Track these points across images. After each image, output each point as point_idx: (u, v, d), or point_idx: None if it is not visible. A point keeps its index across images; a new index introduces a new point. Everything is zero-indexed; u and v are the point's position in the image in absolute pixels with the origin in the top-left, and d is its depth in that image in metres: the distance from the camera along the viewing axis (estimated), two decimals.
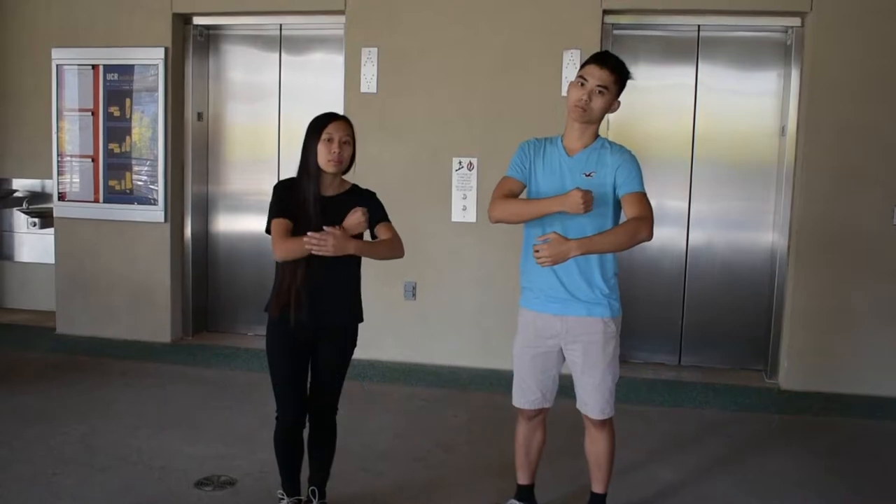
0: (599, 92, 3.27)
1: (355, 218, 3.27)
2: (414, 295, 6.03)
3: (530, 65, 5.83)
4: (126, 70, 6.37)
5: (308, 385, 3.49)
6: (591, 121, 3.35)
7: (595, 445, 3.58)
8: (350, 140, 3.37)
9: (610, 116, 5.27)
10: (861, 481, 4.35)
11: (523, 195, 3.44)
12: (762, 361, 6.03)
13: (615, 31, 5.95)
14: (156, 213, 6.37)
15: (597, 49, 4.81)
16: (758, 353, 6.07)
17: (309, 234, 3.13)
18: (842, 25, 5.54)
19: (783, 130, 5.84)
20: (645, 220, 3.19)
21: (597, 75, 3.28)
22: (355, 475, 4.11)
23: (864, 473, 4.46)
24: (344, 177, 3.46)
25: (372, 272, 3.78)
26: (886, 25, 5.50)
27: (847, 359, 5.68)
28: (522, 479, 3.74)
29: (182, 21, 6.43)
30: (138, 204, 6.40)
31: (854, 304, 5.65)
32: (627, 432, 4.34)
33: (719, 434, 4.98)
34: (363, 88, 6.03)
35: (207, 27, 6.58)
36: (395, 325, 6.04)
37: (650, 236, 3.20)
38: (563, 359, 3.49)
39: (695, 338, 6.18)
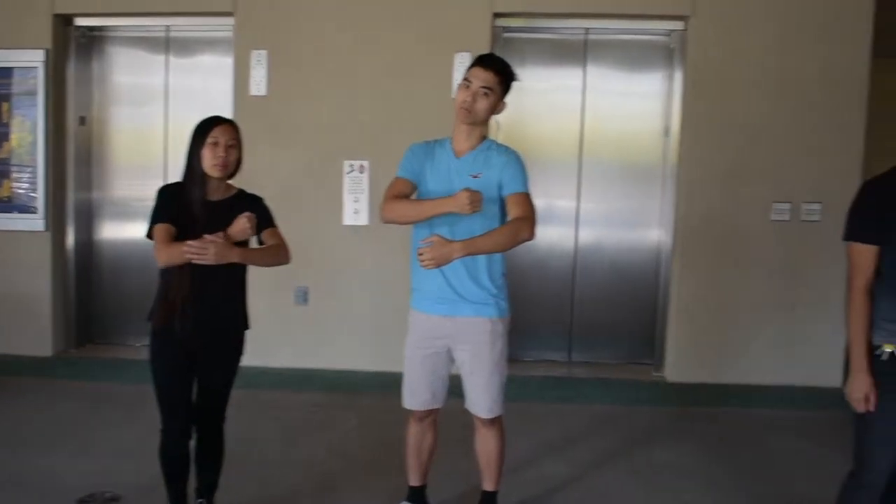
0: (484, 93, 3.32)
1: (240, 225, 3.23)
2: (306, 300, 5.96)
3: (422, 68, 5.84)
4: (4, 73, 6.11)
5: (194, 395, 3.43)
6: (477, 122, 3.39)
7: (484, 444, 3.63)
8: (236, 144, 3.35)
9: (500, 118, 5.32)
10: (745, 467, 4.54)
11: (413, 196, 3.46)
12: (649, 355, 6.17)
13: (505, 34, 6.02)
14: (36, 222, 6.12)
15: (487, 52, 4.85)
16: (645, 348, 6.21)
17: (189, 242, 3.09)
18: (722, 28, 5.74)
19: (667, 131, 6.00)
20: (527, 220, 3.25)
21: (481, 77, 3.32)
22: (245, 485, 4.05)
23: (748, 459, 4.65)
24: (231, 181, 3.42)
25: (261, 278, 3.72)
26: (765, 27, 5.72)
27: (729, 350, 5.88)
28: (414, 481, 3.76)
29: (63, 22, 6.19)
30: (17, 212, 6.14)
31: (734, 298, 5.85)
32: (519, 430, 4.41)
33: (609, 428, 5.10)
34: (253, 91, 5.93)
35: (90, 28, 6.36)
36: (287, 331, 5.95)
37: (532, 236, 3.25)
38: (453, 359, 3.52)
39: (585, 334, 6.27)
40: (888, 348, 2.94)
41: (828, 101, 5.73)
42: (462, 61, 5.71)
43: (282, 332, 5.92)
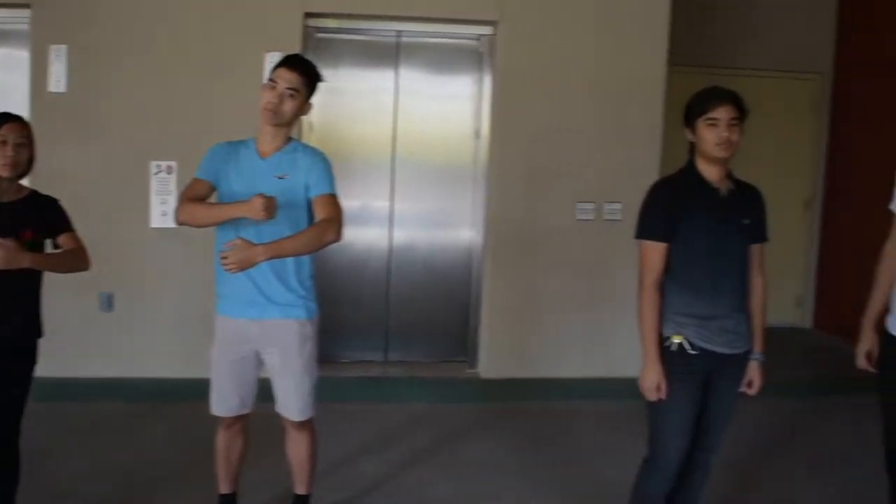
0: (290, 95, 3.31)
1: None
2: (111, 306, 5.71)
3: (232, 67, 5.69)
4: None
5: None
6: (283, 123, 3.38)
7: (296, 447, 3.62)
8: (26, 142, 3.19)
9: (313, 120, 5.35)
10: (553, 457, 4.75)
11: (213, 198, 3.41)
12: (463, 353, 6.30)
13: (318, 35, 5.99)
14: None
15: (297, 52, 4.82)
16: (459, 346, 6.32)
17: None
18: (529, 33, 5.92)
19: (477, 133, 6.15)
20: (333, 221, 3.26)
21: (286, 78, 3.31)
22: (47, 501, 3.86)
23: (556, 450, 4.87)
24: (24, 182, 3.26)
25: (61, 283, 3.53)
26: (569, 32, 5.95)
27: (539, 346, 6.08)
28: (224, 489, 3.70)
29: None
30: None
31: (543, 295, 6.06)
32: (334, 431, 4.42)
33: (424, 426, 5.18)
34: (52, 88, 5.62)
35: None
36: (91, 338, 5.67)
37: (339, 237, 3.27)
38: (262, 363, 3.49)
39: (400, 334, 6.32)
40: (676, 339, 3.14)
41: (627, 105, 6.02)
42: (273, 61, 5.57)
43: (86, 340, 5.65)
